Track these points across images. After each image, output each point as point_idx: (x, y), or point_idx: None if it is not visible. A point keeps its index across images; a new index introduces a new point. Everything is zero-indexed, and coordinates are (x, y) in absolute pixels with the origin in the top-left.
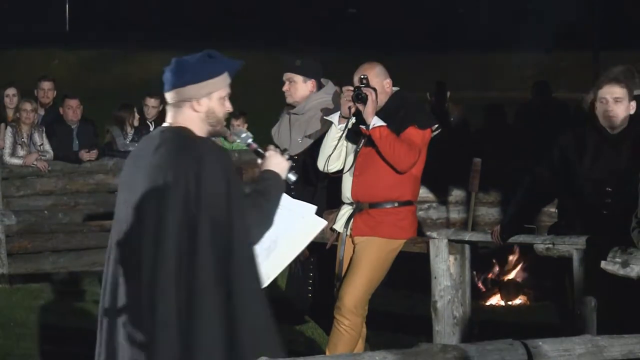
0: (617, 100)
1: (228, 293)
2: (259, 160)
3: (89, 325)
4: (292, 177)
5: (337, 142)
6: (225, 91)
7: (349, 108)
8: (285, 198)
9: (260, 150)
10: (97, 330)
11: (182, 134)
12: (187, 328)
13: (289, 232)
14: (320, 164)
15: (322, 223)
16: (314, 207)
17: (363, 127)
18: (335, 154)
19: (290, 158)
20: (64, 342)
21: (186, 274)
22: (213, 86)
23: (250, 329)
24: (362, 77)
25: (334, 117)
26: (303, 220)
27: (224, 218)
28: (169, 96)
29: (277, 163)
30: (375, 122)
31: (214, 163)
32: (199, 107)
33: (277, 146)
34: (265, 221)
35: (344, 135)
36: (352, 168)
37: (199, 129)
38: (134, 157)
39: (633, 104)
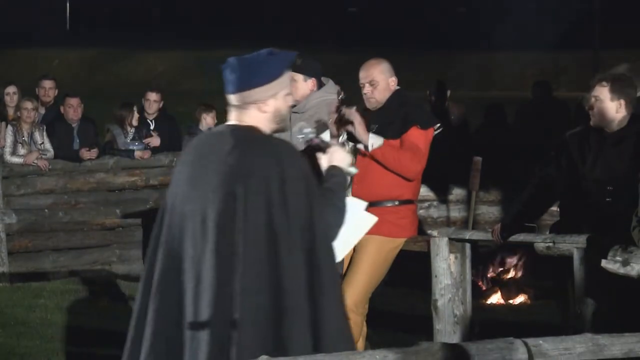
0: (596, 99)
1: (314, 298)
2: (319, 155)
3: (89, 323)
4: (353, 171)
5: None
6: (288, 88)
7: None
8: None
9: (322, 145)
10: (129, 330)
11: (256, 134)
12: (275, 332)
13: (342, 229)
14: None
15: (372, 219)
16: (364, 204)
17: (361, 147)
18: None
19: (353, 151)
20: (65, 341)
21: (275, 278)
22: (279, 86)
23: (332, 331)
24: (341, 97)
25: (326, 135)
26: (355, 217)
27: (306, 219)
28: (233, 98)
29: (342, 158)
30: (373, 141)
31: (293, 164)
32: (266, 107)
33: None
34: (340, 219)
35: None
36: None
37: (267, 128)
38: (200, 152)
39: (621, 102)
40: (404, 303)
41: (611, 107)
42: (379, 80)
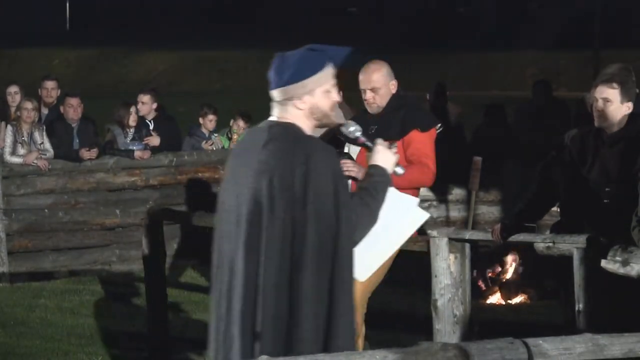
0: (606, 100)
1: (329, 294)
2: (366, 154)
3: (89, 323)
4: (400, 171)
5: None
6: (329, 84)
7: None
8: (391, 191)
9: (368, 143)
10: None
11: (290, 130)
12: (288, 326)
13: (393, 224)
14: None
15: (425, 216)
16: (416, 200)
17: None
18: None
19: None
20: (65, 341)
21: (288, 274)
22: (314, 83)
23: (345, 327)
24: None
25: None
26: (407, 213)
27: (331, 217)
28: (274, 94)
29: (385, 158)
30: None
31: (321, 162)
32: (302, 104)
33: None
34: (371, 219)
35: None
36: None
37: (306, 125)
38: (241, 149)
39: (629, 104)
40: (404, 303)
41: (621, 109)
42: (380, 86)
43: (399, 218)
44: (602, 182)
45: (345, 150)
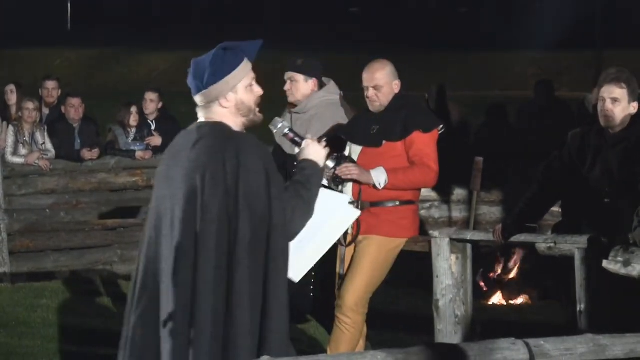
0: (614, 100)
1: (264, 288)
2: (296, 150)
3: (91, 323)
4: (331, 164)
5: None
6: (249, 78)
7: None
8: (321, 188)
9: (297, 139)
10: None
11: (219, 128)
12: (223, 321)
13: (324, 223)
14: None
15: (356, 213)
16: (348, 197)
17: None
18: None
19: (328, 145)
20: (66, 341)
21: (225, 270)
22: (235, 79)
23: (278, 324)
24: (332, 158)
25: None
26: (338, 212)
27: (264, 211)
28: (198, 99)
29: (316, 152)
30: (380, 180)
31: (252, 156)
32: (227, 103)
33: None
34: (307, 211)
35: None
36: None
37: (234, 123)
38: (172, 152)
39: (635, 104)
40: (405, 303)
41: (628, 109)
42: (383, 85)
43: (330, 216)
44: (603, 182)
45: (347, 152)
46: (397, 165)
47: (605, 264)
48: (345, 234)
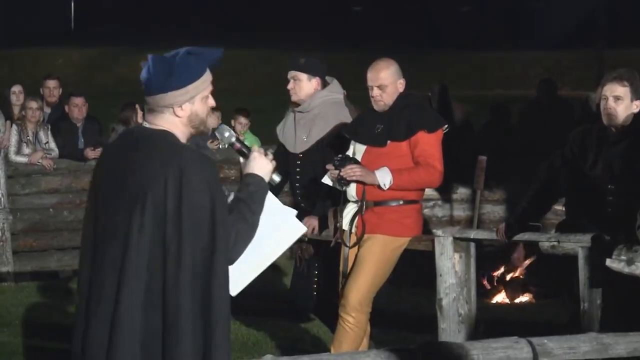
0: (617, 98)
1: (207, 310)
2: (242, 161)
3: None
4: (276, 179)
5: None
6: (207, 90)
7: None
8: (269, 199)
9: (244, 150)
10: None
11: (165, 139)
12: (163, 346)
13: (268, 239)
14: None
15: (301, 229)
16: (294, 212)
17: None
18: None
19: (275, 159)
20: (69, 340)
21: (165, 293)
22: (195, 90)
23: (223, 347)
24: (336, 160)
25: (327, 180)
26: (283, 226)
27: (206, 235)
28: (152, 100)
29: (262, 166)
30: (384, 181)
31: (197, 176)
32: (181, 112)
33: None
34: (251, 234)
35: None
36: None
37: (182, 133)
38: (110, 157)
39: (637, 102)
40: (409, 302)
41: (631, 107)
42: (388, 84)
43: (275, 230)
44: (605, 180)
45: (350, 152)
46: (402, 165)
47: (608, 262)
48: (350, 234)
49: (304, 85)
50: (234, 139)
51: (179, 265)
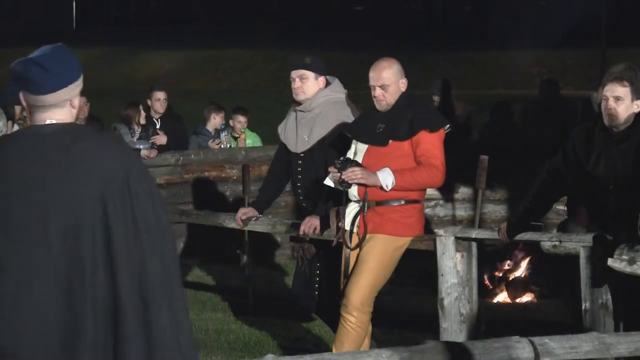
0: (617, 99)
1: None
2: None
3: None
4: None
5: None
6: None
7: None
8: None
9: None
10: None
11: (92, 131)
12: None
13: None
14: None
15: None
16: None
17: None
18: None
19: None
20: None
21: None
22: (81, 83)
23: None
24: (337, 162)
25: (329, 181)
26: None
27: (160, 244)
28: (49, 98)
29: None
30: (387, 182)
31: (137, 161)
32: (76, 102)
33: None
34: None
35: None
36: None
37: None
38: (32, 159)
39: (639, 102)
40: (410, 302)
41: (631, 107)
42: (390, 84)
43: None
44: (608, 180)
45: (351, 152)
46: (403, 165)
47: (610, 262)
48: (351, 234)
49: (311, 84)
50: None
51: (147, 280)
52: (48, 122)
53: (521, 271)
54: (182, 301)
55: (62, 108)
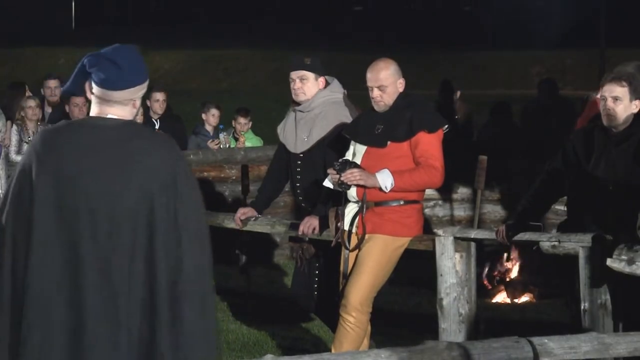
0: (615, 99)
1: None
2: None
3: None
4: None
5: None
6: None
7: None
8: None
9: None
10: None
11: (151, 130)
12: None
13: None
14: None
15: None
16: None
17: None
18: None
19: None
20: None
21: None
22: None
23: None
24: (337, 164)
25: (328, 183)
26: None
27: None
28: (121, 94)
29: None
30: (386, 183)
31: (184, 160)
32: (137, 103)
33: None
34: None
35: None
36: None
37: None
38: (93, 144)
39: (637, 102)
40: (409, 302)
41: (630, 107)
42: (388, 85)
43: None
44: (607, 180)
45: (350, 152)
46: (402, 165)
47: (609, 262)
48: (350, 235)
49: (311, 85)
50: None
51: (181, 276)
52: (110, 116)
53: (519, 271)
54: (211, 297)
55: (125, 106)
